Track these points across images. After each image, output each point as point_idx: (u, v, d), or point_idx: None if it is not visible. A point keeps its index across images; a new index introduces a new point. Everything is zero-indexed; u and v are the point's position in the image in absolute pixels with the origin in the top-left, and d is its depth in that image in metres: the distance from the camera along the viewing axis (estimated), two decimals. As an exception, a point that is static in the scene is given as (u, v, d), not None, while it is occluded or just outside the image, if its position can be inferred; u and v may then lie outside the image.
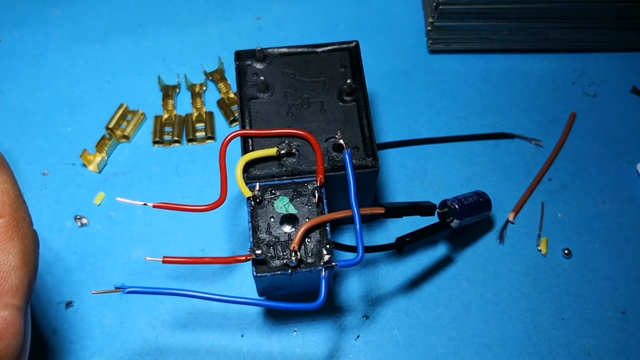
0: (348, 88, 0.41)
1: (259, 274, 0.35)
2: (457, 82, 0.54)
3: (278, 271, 0.35)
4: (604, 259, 0.46)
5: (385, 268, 0.45)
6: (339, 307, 0.44)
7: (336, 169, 0.39)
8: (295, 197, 0.38)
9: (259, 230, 0.37)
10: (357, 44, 0.44)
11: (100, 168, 0.49)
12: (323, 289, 0.35)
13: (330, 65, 0.43)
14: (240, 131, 0.40)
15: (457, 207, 0.42)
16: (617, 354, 0.43)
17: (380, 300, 0.44)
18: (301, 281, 0.38)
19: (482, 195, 0.45)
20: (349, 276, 0.45)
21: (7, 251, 0.30)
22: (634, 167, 0.50)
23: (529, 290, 0.45)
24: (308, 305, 0.34)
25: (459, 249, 0.46)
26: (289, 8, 0.58)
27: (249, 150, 0.40)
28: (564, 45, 0.55)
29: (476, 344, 0.43)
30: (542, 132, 0.52)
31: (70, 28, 0.56)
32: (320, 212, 0.37)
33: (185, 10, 0.58)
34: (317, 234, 0.37)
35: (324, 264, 0.35)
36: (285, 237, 0.37)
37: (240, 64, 0.43)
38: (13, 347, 0.30)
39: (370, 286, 0.45)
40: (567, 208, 0.48)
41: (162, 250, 0.45)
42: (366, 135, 0.41)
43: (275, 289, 0.39)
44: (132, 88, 0.53)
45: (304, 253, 0.36)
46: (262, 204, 0.37)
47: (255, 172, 0.39)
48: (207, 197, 0.48)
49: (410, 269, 0.46)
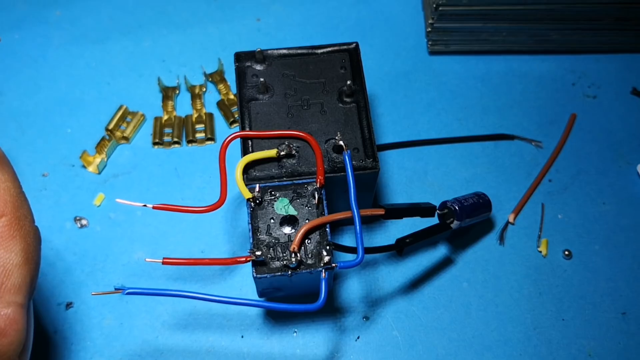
0: (348, 89, 0.41)
1: (259, 275, 0.35)
2: (457, 83, 0.54)
3: (278, 272, 0.35)
4: (604, 260, 0.46)
5: (385, 269, 0.45)
6: (339, 308, 0.44)
7: (336, 170, 0.39)
8: (295, 199, 0.38)
9: (259, 232, 0.37)
10: (357, 45, 0.44)
11: (100, 169, 0.49)
12: (323, 290, 0.35)
13: (330, 67, 0.43)
14: (240, 132, 0.40)
15: (457, 209, 0.42)
16: (617, 355, 0.43)
17: (380, 301, 0.44)
18: (301, 282, 0.37)
19: (482, 196, 0.45)
20: (349, 277, 0.45)
21: (9, 249, 0.30)
22: (634, 168, 0.50)
23: (529, 291, 0.45)
24: (308, 306, 0.34)
25: (459, 250, 0.46)
26: (289, 9, 0.58)
27: (249, 151, 0.40)
28: (564, 46, 0.55)
29: (476, 345, 0.43)
30: (542, 133, 0.52)
31: (70, 29, 0.56)
32: (320, 213, 0.37)
33: (185, 11, 0.58)
34: (317, 235, 0.37)
35: (324, 265, 0.35)
36: (285, 239, 0.37)
37: (239, 65, 0.43)
38: (16, 344, 0.30)
39: (370, 287, 0.45)
40: (567, 209, 0.48)
41: (162, 252, 0.45)
42: (366, 137, 0.41)
43: (275, 290, 0.39)
44: (131, 89, 0.53)
45: (304, 254, 0.36)
46: (262, 206, 0.37)
47: (255, 174, 0.39)
48: (207, 198, 0.48)
49: (410, 270, 0.46)
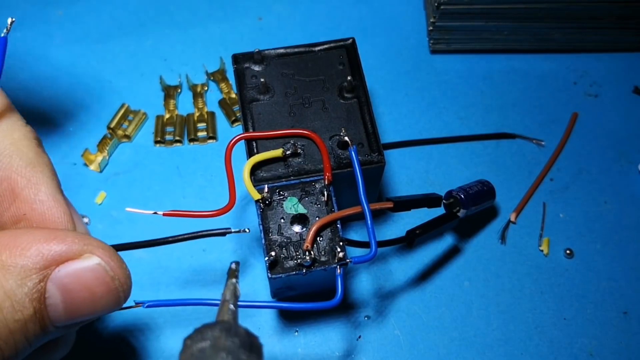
0: (348, 85, 0.41)
1: (274, 275, 0.35)
2: (458, 82, 0.54)
3: (293, 271, 0.35)
4: (605, 259, 0.46)
5: (387, 269, 0.45)
6: (341, 307, 0.44)
7: (342, 167, 0.39)
8: (304, 197, 0.38)
9: (271, 232, 0.37)
10: (353, 41, 0.44)
11: (101, 167, 0.49)
12: (340, 286, 0.35)
13: (328, 64, 0.43)
14: (244, 134, 0.39)
15: (462, 197, 0.42)
16: (618, 354, 0.43)
17: (382, 300, 0.44)
18: (314, 280, 0.37)
19: (486, 183, 0.45)
20: (351, 277, 0.45)
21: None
22: (635, 167, 0.50)
23: (531, 290, 0.45)
24: (326, 303, 0.34)
25: (461, 249, 0.46)
26: (290, 8, 0.58)
27: (254, 152, 0.39)
28: (565, 45, 0.55)
29: (478, 344, 0.43)
30: (543, 132, 0.52)
31: (72, 28, 0.56)
32: (330, 210, 0.37)
33: (187, 10, 0.58)
34: (329, 232, 0.37)
35: (339, 262, 0.35)
36: (297, 237, 0.37)
37: (238, 67, 0.43)
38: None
39: (371, 287, 0.45)
40: (568, 208, 0.48)
41: (163, 250, 0.45)
42: (369, 131, 0.41)
43: (288, 289, 0.39)
44: (133, 88, 0.53)
45: (317, 252, 0.36)
46: (271, 206, 0.37)
47: (262, 174, 0.39)
48: (209, 197, 0.48)
49: (412, 269, 0.46)
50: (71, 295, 0.28)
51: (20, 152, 0.30)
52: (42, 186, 0.30)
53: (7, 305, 0.26)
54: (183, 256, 0.45)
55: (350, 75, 0.42)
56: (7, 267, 0.26)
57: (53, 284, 0.27)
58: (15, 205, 0.30)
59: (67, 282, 0.28)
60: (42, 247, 0.27)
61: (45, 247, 0.27)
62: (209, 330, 0.24)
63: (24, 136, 0.31)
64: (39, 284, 0.27)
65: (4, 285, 0.26)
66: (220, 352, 0.23)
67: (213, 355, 0.23)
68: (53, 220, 0.30)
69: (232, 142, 0.38)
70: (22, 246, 0.27)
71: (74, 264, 0.28)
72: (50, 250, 0.27)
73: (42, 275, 0.27)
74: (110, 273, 0.29)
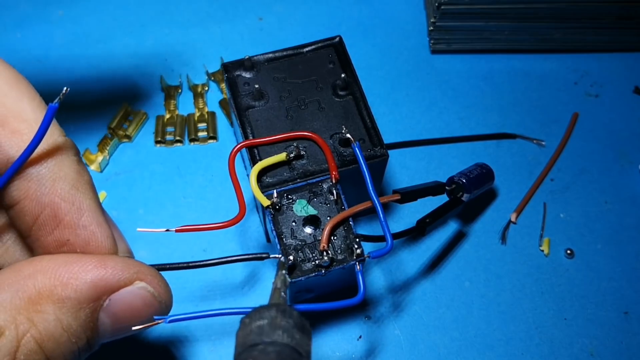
0: (342, 83, 0.41)
1: (293, 279, 0.35)
2: (459, 82, 0.54)
3: (312, 273, 0.35)
4: (606, 259, 0.46)
5: (387, 269, 0.45)
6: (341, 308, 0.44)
7: (346, 164, 0.39)
8: (312, 198, 0.38)
9: (284, 237, 0.36)
10: (340, 39, 0.44)
11: (102, 167, 0.49)
12: (361, 282, 0.34)
13: (318, 64, 0.43)
14: (246, 142, 0.39)
15: (464, 182, 0.42)
16: (619, 354, 0.43)
17: (382, 300, 0.44)
18: (332, 280, 0.37)
19: (484, 166, 0.45)
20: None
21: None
22: (636, 168, 0.50)
23: (531, 290, 0.45)
24: (350, 301, 0.33)
25: (461, 248, 0.46)
26: (291, 8, 0.58)
27: (257, 159, 0.39)
28: (566, 45, 0.55)
29: (478, 344, 0.43)
30: (544, 132, 0.52)
31: (73, 28, 0.56)
32: (340, 208, 0.37)
33: (187, 10, 0.58)
34: (342, 230, 0.37)
35: (357, 258, 0.35)
36: (311, 239, 0.36)
37: (229, 75, 0.42)
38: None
39: (371, 287, 0.45)
40: (569, 208, 0.48)
41: (164, 250, 0.45)
42: (369, 126, 0.41)
43: (306, 292, 0.39)
44: (134, 88, 0.53)
45: (333, 251, 0.36)
46: (281, 211, 0.37)
47: (268, 180, 0.39)
48: (209, 197, 0.48)
49: (412, 269, 0.46)
50: (120, 320, 0.29)
51: (63, 173, 0.30)
52: (85, 211, 0.30)
53: (64, 339, 0.27)
54: (183, 256, 0.45)
55: (343, 73, 0.42)
56: (62, 300, 0.27)
57: (105, 313, 0.29)
58: (58, 230, 0.30)
59: (118, 310, 0.29)
60: (94, 277, 0.28)
61: (97, 277, 0.28)
62: (266, 311, 0.27)
63: (65, 154, 0.30)
64: (93, 314, 0.28)
65: (61, 320, 0.27)
66: (277, 329, 0.26)
67: (270, 332, 0.26)
68: (97, 245, 0.31)
69: (234, 150, 0.38)
70: (75, 277, 0.28)
71: (124, 292, 0.29)
72: (102, 280, 0.28)
73: (95, 305, 0.28)
74: (159, 298, 0.30)
